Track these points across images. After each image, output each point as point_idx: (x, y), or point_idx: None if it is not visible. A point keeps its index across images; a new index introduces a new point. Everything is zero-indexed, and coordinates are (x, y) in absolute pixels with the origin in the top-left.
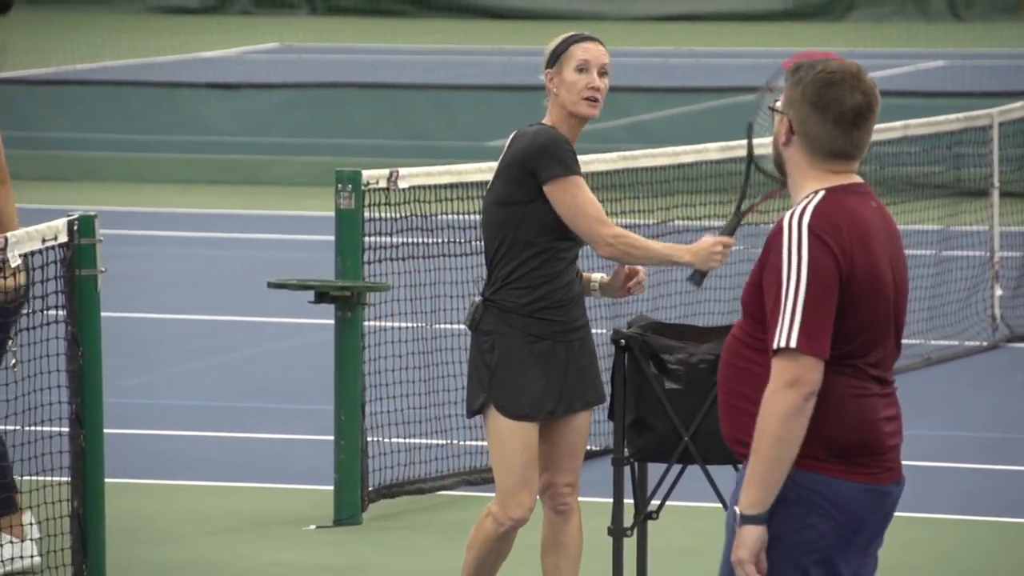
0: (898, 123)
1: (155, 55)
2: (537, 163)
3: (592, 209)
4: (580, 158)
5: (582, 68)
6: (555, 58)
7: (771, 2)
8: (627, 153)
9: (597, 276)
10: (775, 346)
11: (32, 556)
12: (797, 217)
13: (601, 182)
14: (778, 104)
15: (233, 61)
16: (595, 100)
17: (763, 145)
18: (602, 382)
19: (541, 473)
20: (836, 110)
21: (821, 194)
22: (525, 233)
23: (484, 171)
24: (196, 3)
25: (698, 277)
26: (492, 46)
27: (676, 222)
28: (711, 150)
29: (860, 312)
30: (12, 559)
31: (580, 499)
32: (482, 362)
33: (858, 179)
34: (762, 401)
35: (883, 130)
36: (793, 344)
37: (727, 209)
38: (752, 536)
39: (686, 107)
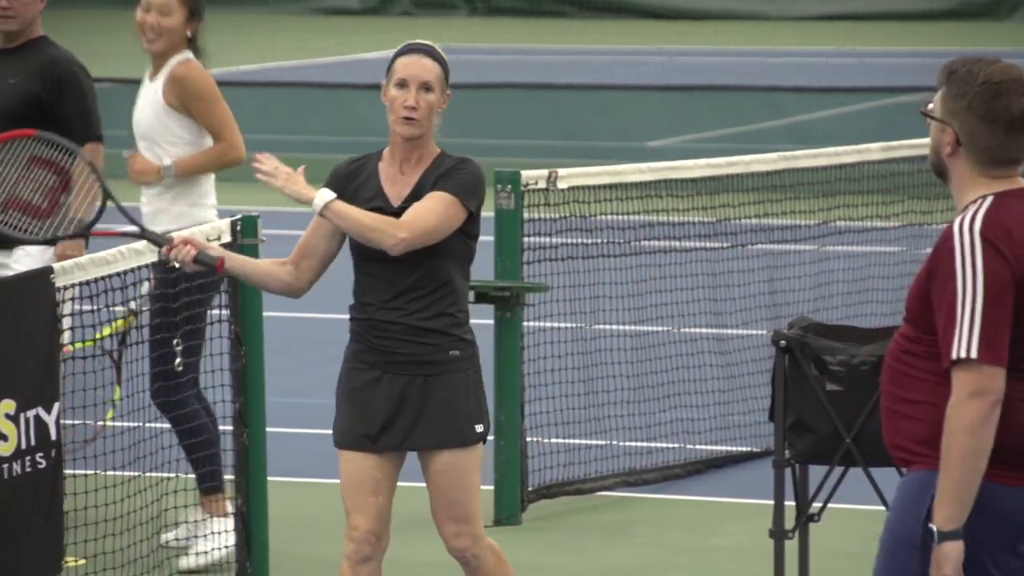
0: None
1: (316, 56)
2: None
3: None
4: (740, 158)
5: (400, 84)
6: (387, 71)
7: (934, 1)
8: (788, 153)
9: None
10: (954, 356)
11: (230, 530)
12: (968, 224)
13: (761, 183)
14: (931, 108)
15: None
16: (411, 120)
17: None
18: (465, 425)
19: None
20: (1006, 120)
21: (990, 199)
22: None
23: (643, 172)
24: (357, 4)
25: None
26: (652, 46)
27: (838, 223)
28: (873, 150)
29: None
30: (217, 534)
31: (740, 500)
32: None
33: (1022, 182)
34: (946, 415)
35: None
36: (975, 354)
37: (889, 209)
38: (953, 552)
39: (848, 107)
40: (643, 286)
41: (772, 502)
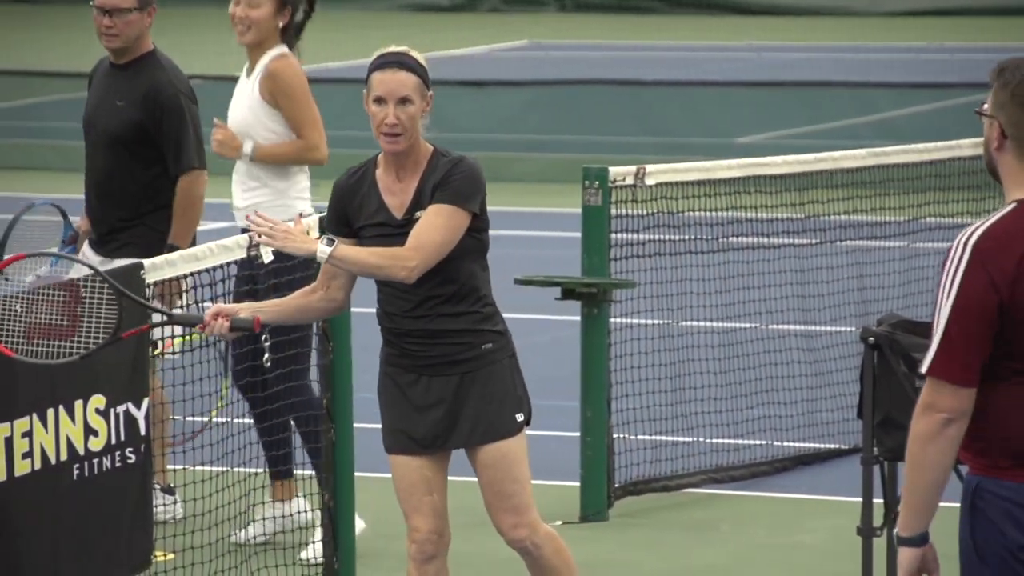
0: None
1: None
2: None
3: None
4: (829, 154)
5: (378, 101)
6: (366, 81)
7: None
8: (877, 150)
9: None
10: (919, 368)
11: (305, 511)
12: (967, 235)
13: (851, 179)
14: (986, 107)
15: (482, 59)
16: (393, 136)
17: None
18: (507, 416)
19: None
20: None
21: (1009, 208)
22: None
23: (732, 168)
24: (447, 1)
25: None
26: (741, 42)
27: (927, 219)
28: (963, 146)
29: None
30: (285, 516)
31: (828, 498)
32: None
33: None
34: None
35: None
36: (924, 369)
37: (980, 207)
38: (906, 558)
39: (938, 103)
40: (731, 282)
41: (860, 500)
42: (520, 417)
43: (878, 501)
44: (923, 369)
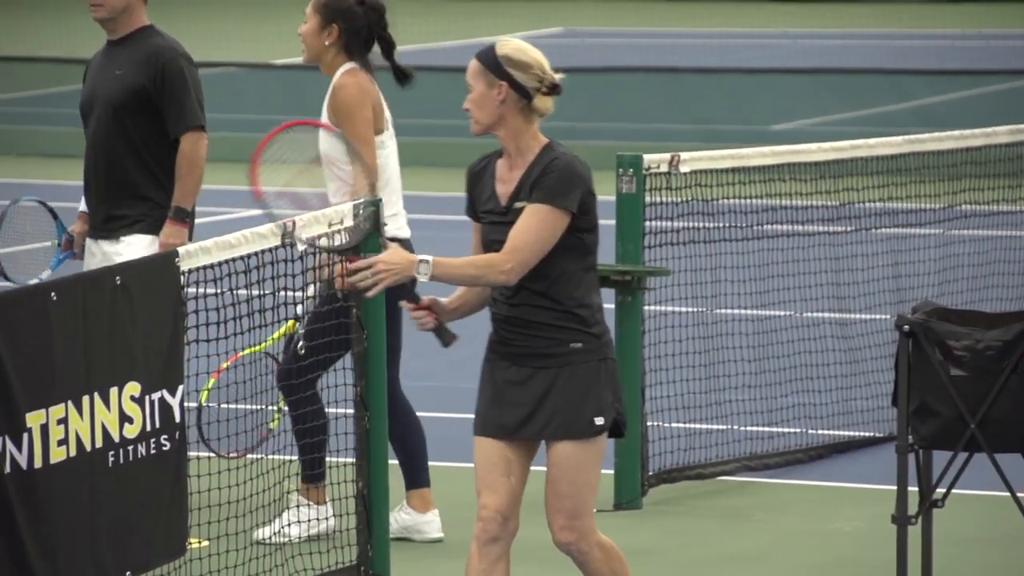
0: None
1: (440, 40)
2: None
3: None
4: (865, 141)
5: None
6: None
7: None
8: (913, 137)
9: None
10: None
11: (328, 518)
12: None
13: (886, 166)
14: None
15: None
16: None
17: None
18: (582, 417)
19: None
20: None
21: None
22: None
23: (767, 156)
24: None
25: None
26: (777, 29)
27: (963, 206)
28: (1000, 133)
29: None
30: (310, 522)
31: (862, 486)
32: None
33: None
34: None
35: None
36: None
37: (1017, 194)
38: None
39: (974, 90)
40: (765, 270)
41: (895, 487)
42: (600, 421)
43: (913, 489)
44: None
